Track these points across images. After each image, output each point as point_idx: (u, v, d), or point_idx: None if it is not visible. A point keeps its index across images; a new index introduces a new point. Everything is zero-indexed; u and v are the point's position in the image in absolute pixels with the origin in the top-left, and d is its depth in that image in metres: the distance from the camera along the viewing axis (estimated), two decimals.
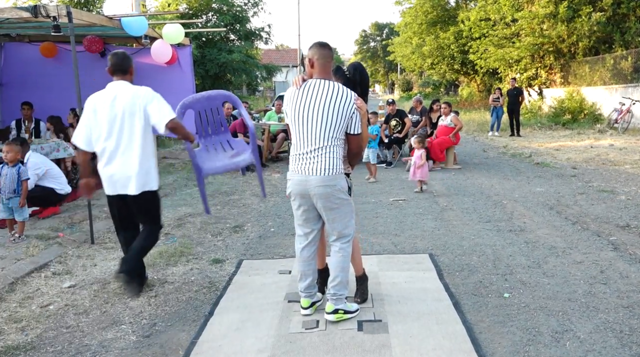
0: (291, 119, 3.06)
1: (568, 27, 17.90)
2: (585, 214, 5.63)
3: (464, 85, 35.37)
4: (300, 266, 3.23)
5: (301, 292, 3.25)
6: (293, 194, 3.12)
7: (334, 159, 2.99)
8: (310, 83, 3.02)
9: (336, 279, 3.13)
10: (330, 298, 3.14)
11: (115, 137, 3.46)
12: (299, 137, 3.03)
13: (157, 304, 3.54)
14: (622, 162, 9.07)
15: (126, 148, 3.47)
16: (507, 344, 2.87)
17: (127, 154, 3.47)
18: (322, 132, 2.96)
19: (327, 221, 3.12)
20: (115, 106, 3.46)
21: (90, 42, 7.44)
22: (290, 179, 3.12)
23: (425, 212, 5.95)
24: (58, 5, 5.03)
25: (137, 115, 3.46)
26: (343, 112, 2.96)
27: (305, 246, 3.21)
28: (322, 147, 2.97)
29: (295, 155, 3.08)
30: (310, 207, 3.10)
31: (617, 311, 3.24)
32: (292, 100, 3.04)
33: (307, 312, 3.23)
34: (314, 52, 3.04)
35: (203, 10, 18.69)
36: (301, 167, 3.02)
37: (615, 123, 14.53)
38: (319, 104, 2.95)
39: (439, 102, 10.31)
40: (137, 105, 3.46)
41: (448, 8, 29.16)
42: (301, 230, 3.22)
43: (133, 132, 3.46)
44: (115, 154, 3.47)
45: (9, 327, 3.24)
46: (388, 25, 62.17)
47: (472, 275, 3.92)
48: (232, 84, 20.65)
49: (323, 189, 2.99)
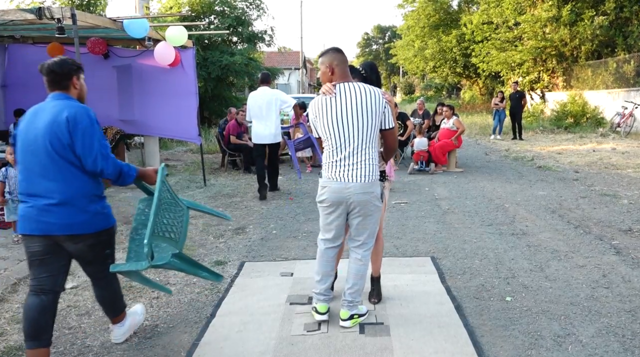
0: (326, 128, 2.95)
1: (571, 31, 17.92)
2: (587, 218, 5.62)
3: (466, 89, 35.41)
4: (322, 266, 3.17)
5: (319, 295, 3.17)
6: (328, 201, 3.01)
7: (372, 165, 2.96)
8: (341, 89, 2.94)
9: (354, 287, 3.10)
10: (347, 305, 3.11)
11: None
12: (337, 144, 2.94)
13: (159, 306, 3.55)
14: (625, 166, 9.06)
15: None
16: (509, 347, 2.86)
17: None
18: (361, 134, 2.91)
19: (356, 228, 3.06)
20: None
21: (94, 43, 7.46)
22: (327, 187, 3.00)
23: (427, 215, 5.95)
24: (62, 7, 5.06)
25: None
26: (377, 109, 2.92)
27: (331, 247, 3.16)
28: (361, 150, 2.92)
29: (331, 162, 2.98)
30: (343, 213, 3.03)
31: (620, 315, 3.23)
32: (325, 110, 2.94)
33: (324, 317, 3.16)
34: (332, 58, 2.98)
35: (205, 13, 18.73)
36: (339, 174, 2.94)
37: (618, 127, 14.52)
38: (353, 107, 2.89)
39: (444, 105, 10.34)
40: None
41: (450, 11, 29.20)
42: (329, 234, 3.13)
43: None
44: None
45: (11, 327, 3.25)
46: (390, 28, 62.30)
47: (474, 278, 3.92)
48: (234, 86, 20.69)
49: (362, 196, 2.94)
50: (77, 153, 2.58)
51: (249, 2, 20.00)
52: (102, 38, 7.56)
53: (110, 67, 8.09)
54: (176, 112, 7.64)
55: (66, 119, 2.55)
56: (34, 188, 2.60)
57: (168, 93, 7.85)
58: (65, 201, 2.58)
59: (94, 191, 2.70)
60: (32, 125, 2.62)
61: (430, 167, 9.09)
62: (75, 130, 2.55)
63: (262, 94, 6.93)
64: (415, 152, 9.10)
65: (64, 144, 2.55)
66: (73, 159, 2.59)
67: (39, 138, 2.57)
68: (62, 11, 5.00)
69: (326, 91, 2.95)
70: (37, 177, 2.59)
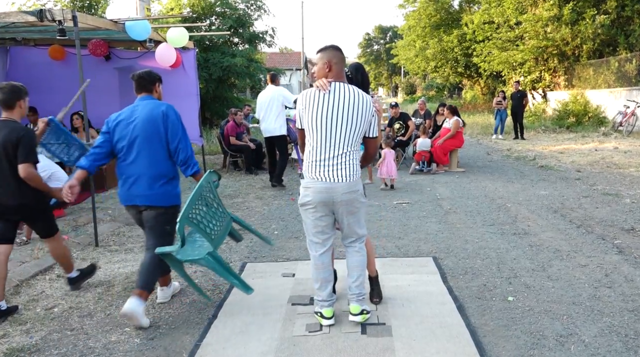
0: (313, 122, 2.90)
1: (572, 30, 17.89)
2: (589, 217, 5.61)
3: (468, 88, 35.37)
4: (320, 274, 3.11)
5: (323, 302, 3.13)
6: (313, 203, 2.96)
7: (355, 164, 2.96)
8: (335, 87, 2.91)
9: (359, 279, 3.11)
10: (357, 299, 3.10)
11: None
12: (322, 142, 2.90)
13: (161, 307, 3.55)
14: (627, 165, 9.04)
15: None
16: (512, 347, 2.86)
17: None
18: (347, 137, 2.90)
19: (347, 225, 3.06)
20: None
21: (95, 45, 7.47)
22: (310, 187, 2.95)
23: (429, 215, 5.95)
24: (63, 9, 5.06)
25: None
26: (365, 116, 2.93)
27: (324, 253, 3.11)
28: (346, 152, 2.91)
29: (315, 162, 2.94)
30: (329, 213, 3.02)
31: (622, 315, 3.22)
32: (316, 104, 2.90)
33: (331, 322, 3.13)
34: (331, 55, 2.97)
35: (206, 14, 18.75)
36: (324, 174, 2.91)
37: (620, 126, 14.49)
38: (344, 108, 2.88)
39: (444, 106, 10.36)
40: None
41: (451, 11, 29.19)
42: (318, 237, 3.09)
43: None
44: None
45: (13, 329, 3.25)
46: (392, 29, 62.25)
47: (476, 278, 3.91)
48: (236, 87, 20.69)
49: (349, 195, 2.94)
50: (167, 138, 3.29)
51: (250, 2, 20.02)
52: (104, 40, 7.57)
53: (111, 68, 8.11)
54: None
55: (161, 113, 3.30)
56: (125, 166, 3.32)
57: (169, 94, 7.82)
58: (151, 177, 3.28)
59: (171, 173, 3.38)
60: (130, 119, 3.31)
61: (432, 167, 9.08)
62: (167, 121, 3.29)
63: (266, 92, 7.73)
64: (417, 152, 9.10)
65: (159, 131, 3.28)
66: (163, 143, 3.30)
67: (137, 128, 3.27)
68: (63, 13, 5.01)
69: (321, 86, 2.91)
70: (135, 158, 3.28)
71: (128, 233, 5.50)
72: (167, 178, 3.33)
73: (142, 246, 4.99)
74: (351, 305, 3.13)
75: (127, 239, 5.28)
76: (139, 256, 4.67)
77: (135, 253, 4.78)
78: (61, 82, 8.25)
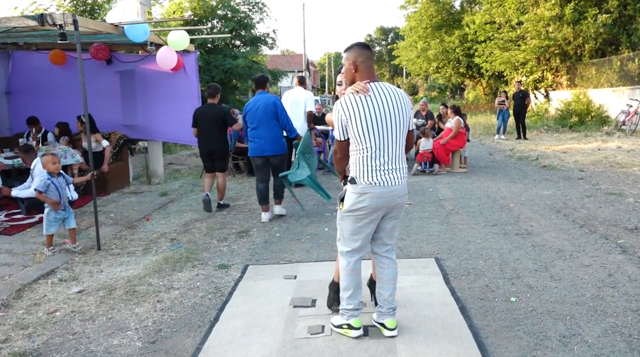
0: (365, 129, 2.74)
1: (574, 30, 17.86)
2: (592, 217, 5.58)
3: (470, 89, 35.35)
4: (354, 280, 2.99)
5: (353, 311, 3.00)
6: (369, 208, 2.82)
7: (406, 166, 2.93)
8: (374, 88, 2.79)
9: (394, 293, 3.05)
10: (392, 313, 3.03)
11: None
12: (377, 146, 2.77)
13: (163, 310, 3.54)
14: (630, 165, 9.00)
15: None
16: (514, 348, 2.84)
17: None
18: (400, 136, 2.84)
19: (390, 231, 2.99)
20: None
21: (97, 49, 7.49)
22: (367, 193, 2.79)
23: (431, 216, 5.93)
24: (64, 14, 5.07)
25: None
26: (408, 111, 2.89)
27: (359, 259, 3.00)
28: (400, 153, 2.86)
29: (371, 166, 2.78)
30: (377, 219, 2.90)
31: (626, 315, 3.20)
32: (362, 110, 2.74)
33: (361, 332, 3.00)
34: (356, 54, 2.83)
35: (208, 17, 18.78)
36: (383, 178, 2.79)
37: (623, 125, 14.45)
38: (391, 108, 2.79)
39: (445, 106, 10.37)
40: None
41: (453, 12, 29.21)
42: (358, 244, 2.94)
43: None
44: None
45: (15, 333, 3.26)
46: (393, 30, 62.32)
47: (478, 279, 3.90)
48: (238, 89, 20.71)
49: (403, 198, 2.90)
50: (278, 118, 5.82)
51: (252, 5, 20.05)
52: (105, 43, 7.58)
53: (113, 72, 8.12)
54: (179, 116, 7.64)
55: (273, 102, 5.80)
56: (255, 132, 5.83)
57: (171, 97, 7.86)
58: (272, 138, 5.80)
59: (282, 135, 5.94)
60: (255, 106, 5.79)
61: (434, 167, 9.07)
62: (277, 107, 5.80)
63: (292, 92, 8.15)
64: (420, 153, 9.09)
65: (273, 112, 5.78)
66: (275, 120, 5.82)
67: (259, 110, 5.76)
68: (64, 17, 5.01)
69: (360, 90, 2.76)
70: (255, 129, 5.82)
71: (130, 237, 5.51)
72: (279, 139, 5.85)
73: (144, 249, 5.00)
74: (387, 320, 3.02)
75: (129, 243, 5.28)
76: (141, 259, 4.67)
77: (137, 256, 4.78)
78: (63, 86, 8.28)
